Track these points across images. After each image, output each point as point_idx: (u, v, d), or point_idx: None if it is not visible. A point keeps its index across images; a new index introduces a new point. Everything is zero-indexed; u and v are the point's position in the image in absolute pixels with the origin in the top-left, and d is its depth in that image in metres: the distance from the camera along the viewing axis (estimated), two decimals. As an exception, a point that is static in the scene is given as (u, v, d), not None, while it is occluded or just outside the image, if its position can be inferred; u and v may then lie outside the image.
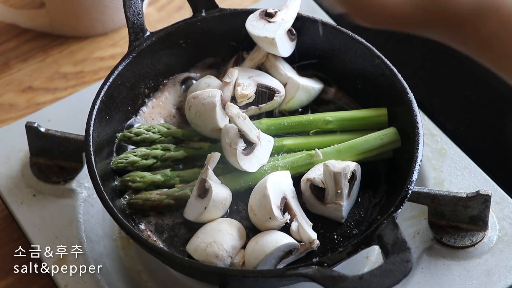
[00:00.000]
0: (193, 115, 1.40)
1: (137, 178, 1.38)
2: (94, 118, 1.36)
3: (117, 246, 1.43)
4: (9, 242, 1.49)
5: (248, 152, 1.35)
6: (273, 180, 1.33)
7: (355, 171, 1.35)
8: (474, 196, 1.35)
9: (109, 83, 1.41)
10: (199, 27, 1.50)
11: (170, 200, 1.37)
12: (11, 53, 1.78)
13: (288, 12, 1.47)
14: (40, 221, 1.45)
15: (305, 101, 1.49)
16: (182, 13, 1.83)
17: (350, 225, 1.36)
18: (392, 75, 1.41)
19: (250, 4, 1.84)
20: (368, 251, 1.40)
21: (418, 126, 1.35)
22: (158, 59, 1.49)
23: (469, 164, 1.48)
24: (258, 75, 1.46)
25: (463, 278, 1.36)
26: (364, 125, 1.43)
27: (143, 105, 1.49)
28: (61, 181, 1.49)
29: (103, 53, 1.77)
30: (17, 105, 1.69)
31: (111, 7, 1.75)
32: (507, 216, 1.42)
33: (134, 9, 1.46)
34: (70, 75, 1.74)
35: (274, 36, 1.44)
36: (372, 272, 1.16)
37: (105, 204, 1.29)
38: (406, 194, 1.28)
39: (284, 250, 1.29)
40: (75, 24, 1.77)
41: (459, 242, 1.38)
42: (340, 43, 1.48)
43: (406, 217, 1.44)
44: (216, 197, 1.32)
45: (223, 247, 1.29)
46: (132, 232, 1.27)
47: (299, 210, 1.34)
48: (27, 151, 1.51)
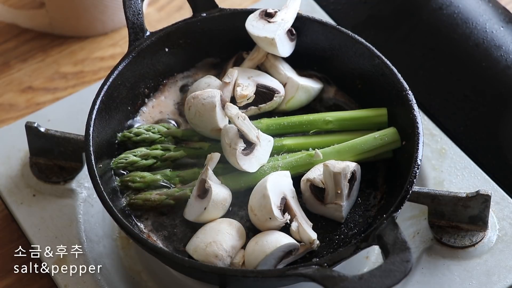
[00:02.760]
0: (192, 115, 1.40)
1: (137, 178, 1.38)
2: (94, 118, 1.36)
3: (117, 246, 1.44)
4: (9, 242, 1.49)
5: (247, 152, 1.35)
6: (273, 180, 1.33)
7: (355, 171, 1.35)
8: (474, 196, 1.35)
9: (109, 83, 1.41)
10: (199, 27, 1.50)
11: (170, 200, 1.37)
12: (11, 53, 1.78)
13: (288, 12, 1.47)
14: (40, 221, 1.45)
15: (305, 101, 1.49)
16: (182, 13, 1.83)
17: (350, 225, 1.36)
18: (392, 75, 1.41)
19: (250, 4, 1.84)
20: (368, 251, 1.40)
21: (418, 126, 1.35)
22: (158, 59, 1.49)
23: (469, 164, 1.48)
24: (257, 75, 1.46)
25: (463, 278, 1.36)
26: (364, 125, 1.43)
27: (143, 105, 1.49)
28: (61, 181, 1.49)
29: (103, 53, 1.77)
30: (17, 105, 1.69)
31: (111, 7, 1.75)
32: (507, 216, 1.42)
33: (134, 9, 1.46)
34: (70, 75, 1.74)
35: (274, 37, 1.44)
36: (372, 272, 1.16)
37: (105, 204, 1.29)
38: (406, 194, 1.28)
39: (284, 251, 1.29)
40: (75, 24, 1.77)
41: (459, 242, 1.38)
42: (340, 43, 1.48)
43: (406, 217, 1.44)
44: (216, 197, 1.32)
45: (223, 247, 1.29)
46: (132, 232, 1.27)
47: (299, 210, 1.34)
48: (27, 151, 1.51)
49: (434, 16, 1.63)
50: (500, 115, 1.53)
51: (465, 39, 1.59)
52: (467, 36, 1.59)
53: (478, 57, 1.57)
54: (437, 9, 1.63)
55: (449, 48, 1.61)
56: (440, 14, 1.63)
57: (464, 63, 1.58)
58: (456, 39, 1.60)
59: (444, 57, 1.60)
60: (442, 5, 1.63)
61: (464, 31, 1.60)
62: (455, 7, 1.63)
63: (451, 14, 1.62)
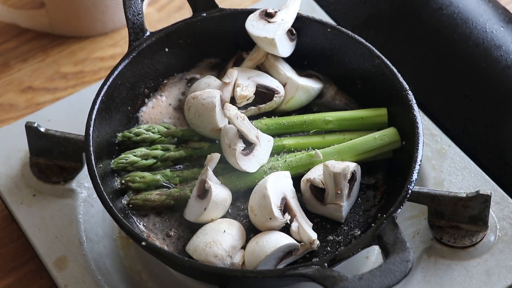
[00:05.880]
0: (192, 116, 1.40)
1: (137, 178, 1.38)
2: (94, 118, 1.36)
3: (117, 246, 1.44)
4: (9, 242, 1.49)
5: (247, 152, 1.35)
6: (273, 180, 1.33)
7: (355, 171, 1.35)
8: (474, 196, 1.35)
9: (109, 83, 1.41)
10: (199, 27, 1.50)
11: (170, 201, 1.37)
12: (11, 53, 1.78)
13: (288, 12, 1.47)
14: (40, 221, 1.45)
15: (305, 101, 1.49)
16: (182, 13, 1.83)
17: (350, 225, 1.36)
18: (392, 75, 1.41)
19: (250, 4, 1.84)
20: (368, 251, 1.40)
21: (418, 126, 1.35)
22: (158, 59, 1.49)
23: (469, 164, 1.48)
24: (257, 76, 1.46)
25: (463, 278, 1.36)
26: (364, 125, 1.43)
27: (143, 105, 1.49)
28: (61, 181, 1.49)
29: (103, 53, 1.77)
30: (17, 105, 1.69)
31: (112, 7, 1.75)
32: (507, 216, 1.42)
33: (134, 9, 1.46)
34: (70, 75, 1.74)
35: (273, 37, 1.44)
36: (372, 272, 1.16)
37: (105, 204, 1.29)
38: (406, 194, 1.28)
39: (284, 251, 1.29)
40: (75, 24, 1.77)
41: (459, 242, 1.38)
42: (340, 43, 1.48)
43: (406, 217, 1.44)
44: (216, 198, 1.32)
45: (222, 247, 1.29)
46: (132, 232, 1.27)
47: (299, 211, 1.34)
48: (27, 151, 1.51)
49: (434, 16, 1.63)
50: (500, 115, 1.53)
51: (465, 39, 1.59)
52: (467, 36, 1.59)
53: (478, 57, 1.57)
54: (437, 9, 1.63)
55: (449, 48, 1.61)
56: (440, 14, 1.62)
57: (464, 63, 1.58)
58: (456, 39, 1.60)
59: (444, 57, 1.60)
60: (442, 5, 1.63)
61: (464, 31, 1.60)
62: (455, 7, 1.63)
63: (451, 14, 1.62)
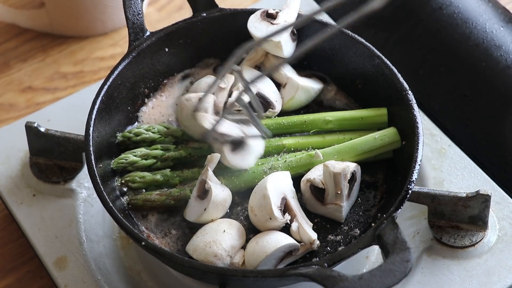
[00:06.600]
0: (184, 117, 1.40)
1: (137, 178, 1.38)
2: (94, 118, 1.36)
3: (117, 246, 1.44)
4: (9, 242, 1.49)
5: (237, 150, 1.35)
6: (273, 180, 1.33)
7: (355, 171, 1.35)
8: (474, 196, 1.35)
9: (109, 83, 1.41)
10: (199, 27, 1.50)
11: (170, 201, 1.37)
12: (11, 53, 1.78)
13: (290, 13, 1.47)
14: (40, 221, 1.45)
15: (305, 101, 1.49)
16: (182, 13, 1.83)
17: (350, 225, 1.36)
18: (392, 75, 1.41)
19: (250, 4, 1.84)
20: (368, 251, 1.40)
21: (418, 126, 1.35)
22: (158, 59, 1.49)
23: (469, 164, 1.48)
24: (262, 82, 1.45)
25: (463, 278, 1.36)
26: (364, 125, 1.43)
27: (143, 105, 1.49)
28: (61, 181, 1.49)
29: (103, 53, 1.77)
30: (17, 105, 1.69)
31: (111, 7, 1.75)
32: (507, 216, 1.42)
33: (134, 9, 1.46)
34: (70, 75, 1.74)
35: (280, 40, 1.43)
36: (372, 272, 1.16)
37: (105, 204, 1.29)
38: (406, 194, 1.28)
39: (285, 251, 1.29)
40: (75, 24, 1.77)
41: (459, 242, 1.38)
42: (340, 43, 1.48)
43: (406, 217, 1.44)
44: (216, 198, 1.32)
45: (222, 247, 1.29)
46: (132, 232, 1.27)
47: (299, 211, 1.34)
48: (27, 151, 1.51)
49: (434, 16, 1.63)
50: (500, 115, 1.53)
51: (465, 39, 1.59)
52: (467, 36, 1.59)
53: (478, 57, 1.57)
54: (437, 9, 1.63)
55: (449, 48, 1.61)
56: (440, 14, 1.63)
57: (464, 63, 1.58)
58: (456, 39, 1.60)
59: (444, 57, 1.60)
60: (442, 5, 1.63)
61: (464, 31, 1.60)
62: (455, 7, 1.63)
63: (451, 14, 1.62)
